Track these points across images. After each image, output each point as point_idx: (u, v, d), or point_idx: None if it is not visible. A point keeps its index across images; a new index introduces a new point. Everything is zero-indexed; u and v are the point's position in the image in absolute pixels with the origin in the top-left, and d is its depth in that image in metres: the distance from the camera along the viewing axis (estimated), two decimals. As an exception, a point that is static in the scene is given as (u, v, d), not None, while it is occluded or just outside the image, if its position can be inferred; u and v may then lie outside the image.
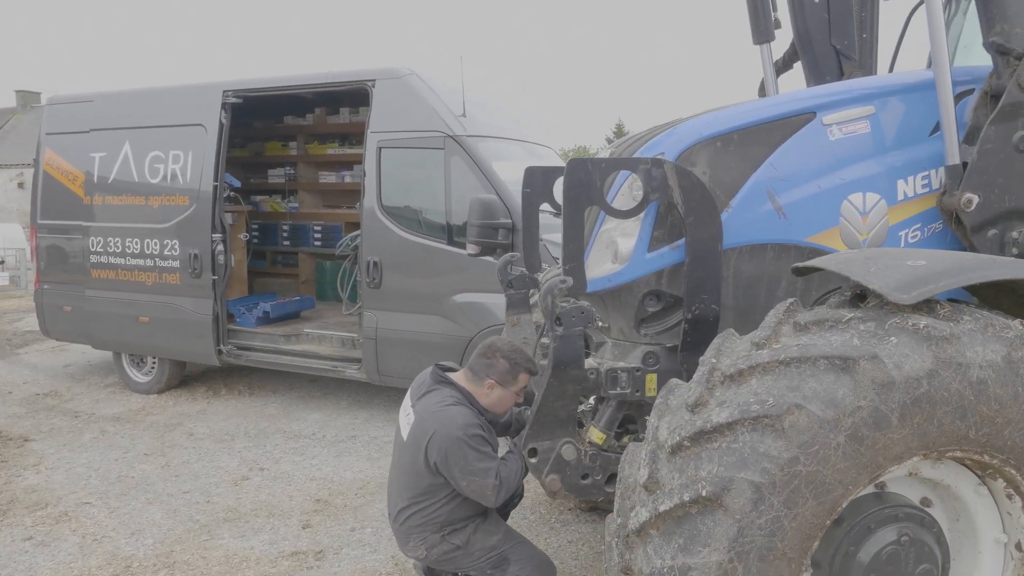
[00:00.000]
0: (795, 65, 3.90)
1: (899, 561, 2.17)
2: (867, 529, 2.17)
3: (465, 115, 5.96)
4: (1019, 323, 2.10)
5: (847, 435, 1.92)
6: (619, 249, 2.84)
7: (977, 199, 2.75)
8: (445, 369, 3.27)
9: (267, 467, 5.36)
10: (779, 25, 3.79)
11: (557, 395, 2.80)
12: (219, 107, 6.57)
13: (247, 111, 7.13)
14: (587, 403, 3.25)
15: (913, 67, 3.70)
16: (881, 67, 3.75)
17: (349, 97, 7.51)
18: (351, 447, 5.78)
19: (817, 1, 3.48)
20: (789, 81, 3.95)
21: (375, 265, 6.02)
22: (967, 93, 2.94)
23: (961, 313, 2.09)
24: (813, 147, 2.84)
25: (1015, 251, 2.80)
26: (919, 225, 2.91)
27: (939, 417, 1.98)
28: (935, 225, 2.92)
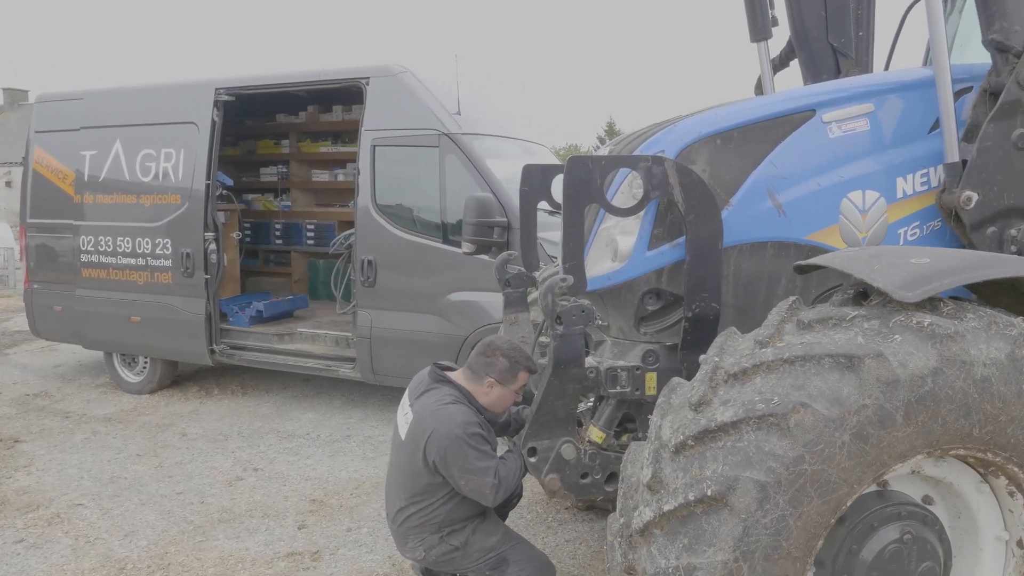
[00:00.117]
0: (792, 63, 3.91)
1: (902, 559, 2.16)
2: (870, 527, 2.16)
3: (460, 113, 5.94)
4: (1022, 320, 2.10)
5: (852, 434, 1.91)
6: (619, 247, 2.83)
7: (976, 197, 2.75)
8: (444, 368, 3.25)
9: (261, 467, 5.33)
10: (776, 23, 3.79)
11: (557, 394, 2.78)
12: (211, 105, 6.52)
13: (239, 109, 7.09)
14: (587, 402, 3.24)
15: (908, 65, 3.71)
16: (876, 65, 3.77)
17: (342, 95, 7.47)
18: (346, 447, 5.75)
19: None
20: (786, 79, 3.96)
21: (369, 264, 5.99)
22: (965, 91, 2.94)
23: (965, 311, 2.09)
24: (813, 145, 2.83)
25: (1014, 248, 2.81)
26: (918, 223, 2.91)
27: (943, 415, 1.97)
28: (934, 223, 2.92)
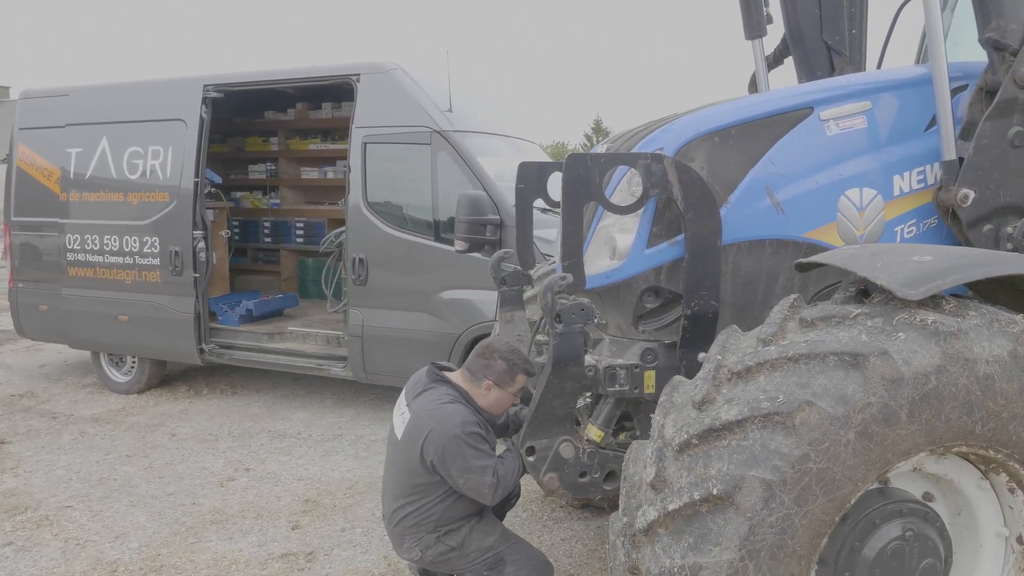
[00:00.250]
0: (786, 60, 3.92)
1: (904, 556, 2.17)
2: (872, 525, 2.17)
3: (452, 110, 5.91)
4: (1023, 318, 2.11)
5: (857, 432, 1.91)
6: (617, 245, 2.82)
7: (973, 194, 2.76)
8: (441, 368, 3.23)
9: (253, 467, 5.28)
10: (771, 20, 3.80)
11: (556, 393, 2.77)
12: (200, 102, 6.45)
13: (227, 106, 7.01)
14: (586, 400, 3.23)
15: (899, 63, 3.72)
16: (869, 63, 3.78)
17: (331, 92, 7.41)
18: (338, 446, 5.71)
19: None
20: (780, 77, 3.96)
21: (361, 262, 5.95)
22: (960, 89, 2.95)
23: (967, 308, 2.09)
24: (811, 142, 2.83)
25: (1010, 246, 2.82)
26: (914, 220, 2.91)
27: (947, 412, 1.98)
28: (930, 220, 2.93)
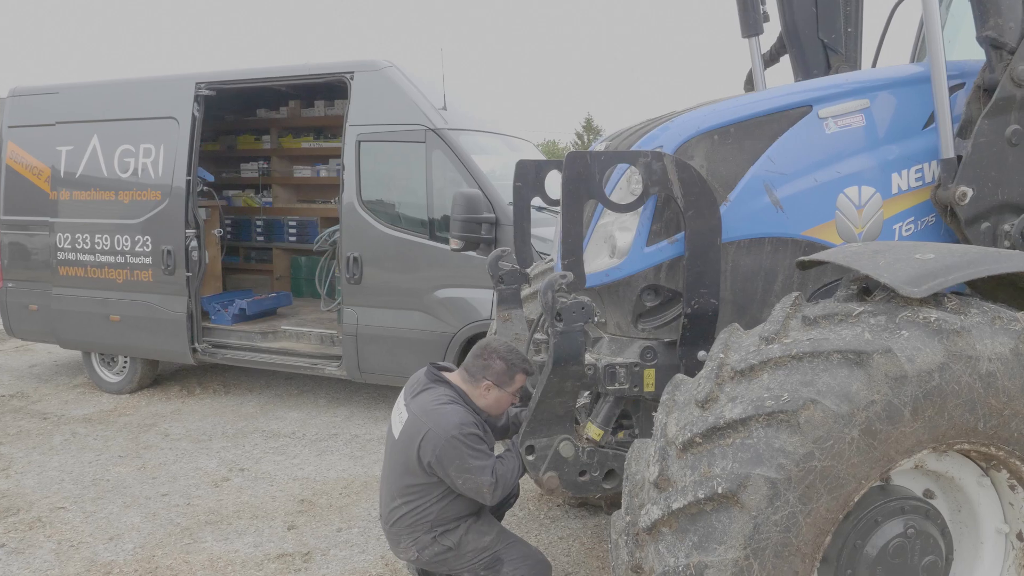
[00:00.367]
0: (782, 58, 3.92)
1: (905, 553, 2.17)
2: (874, 522, 2.17)
3: (446, 108, 5.89)
4: (1024, 315, 2.12)
5: (861, 429, 1.91)
6: (617, 243, 2.81)
7: (971, 192, 2.77)
8: (440, 368, 3.22)
9: (247, 467, 5.25)
10: (767, 18, 3.80)
11: (556, 391, 2.76)
12: (192, 100, 6.41)
13: (218, 104, 6.97)
14: (585, 398, 3.22)
15: (894, 62, 3.73)
16: (864, 62, 3.79)
17: (324, 90, 7.38)
18: (332, 445, 5.69)
19: None
20: (776, 75, 3.97)
21: (355, 260, 5.92)
22: (958, 87, 2.95)
23: (969, 306, 2.10)
24: (810, 140, 2.83)
25: (1007, 243, 2.83)
26: (913, 218, 2.92)
27: (950, 410, 1.98)
28: (928, 218, 2.94)
